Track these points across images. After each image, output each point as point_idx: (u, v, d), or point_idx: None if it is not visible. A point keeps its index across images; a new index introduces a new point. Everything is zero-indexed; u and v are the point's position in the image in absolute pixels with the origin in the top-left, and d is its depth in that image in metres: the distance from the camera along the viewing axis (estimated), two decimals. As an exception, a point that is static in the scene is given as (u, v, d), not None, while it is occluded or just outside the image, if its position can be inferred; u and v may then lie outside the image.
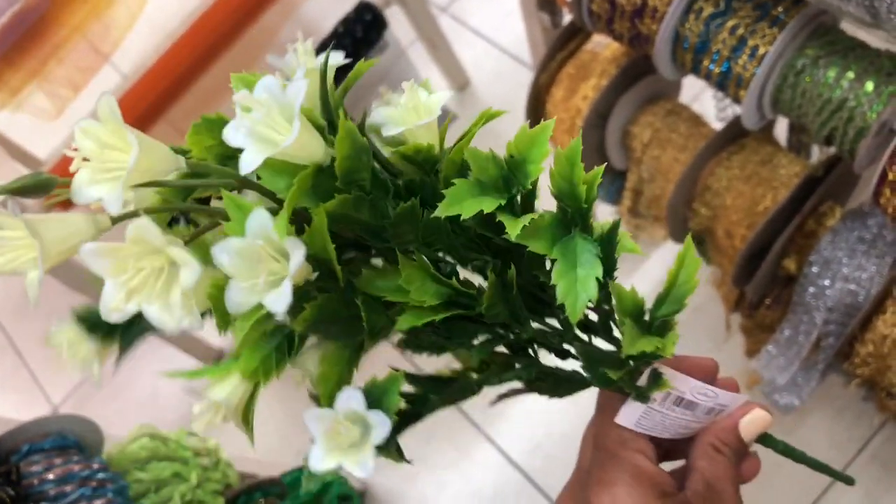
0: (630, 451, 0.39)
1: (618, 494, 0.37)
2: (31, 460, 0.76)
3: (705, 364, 0.41)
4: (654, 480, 0.38)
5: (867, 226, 0.84)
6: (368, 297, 0.32)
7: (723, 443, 0.40)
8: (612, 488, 0.38)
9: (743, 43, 0.71)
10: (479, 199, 0.31)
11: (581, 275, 0.32)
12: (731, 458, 0.40)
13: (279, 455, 1.37)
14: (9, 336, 1.67)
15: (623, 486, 0.38)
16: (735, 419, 0.40)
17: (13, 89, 1.51)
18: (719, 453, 0.40)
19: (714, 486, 0.39)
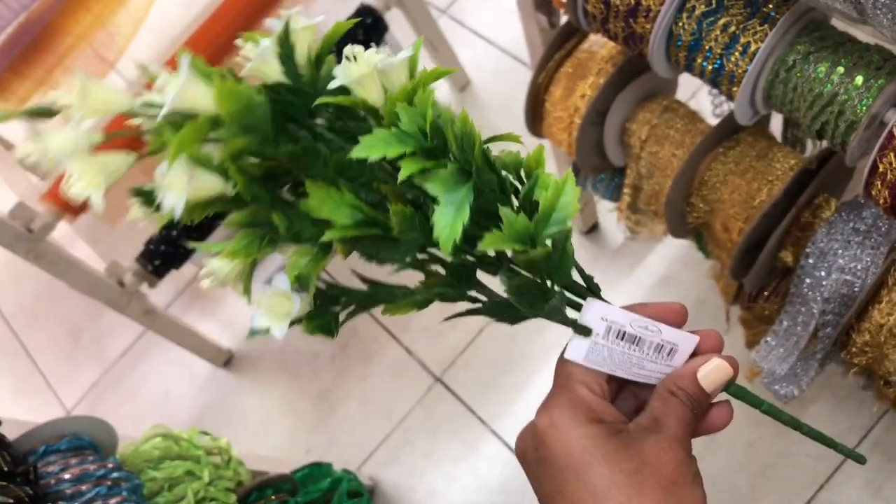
0: (574, 382, 0.42)
1: (553, 415, 0.40)
2: (47, 461, 0.78)
3: (669, 307, 0.43)
4: (591, 407, 0.41)
5: (862, 217, 0.85)
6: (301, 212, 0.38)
7: (678, 387, 0.42)
8: (550, 410, 0.41)
9: (735, 40, 0.72)
10: (389, 147, 0.36)
11: (452, 217, 0.37)
12: (686, 403, 0.41)
13: (288, 453, 1.39)
14: (22, 342, 1.69)
15: (559, 409, 0.41)
16: (694, 367, 0.42)
17: (21, 98, 1.53)
18: (673, 396, 0.41)
19: (659, 421, 0.41)
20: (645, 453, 0.39)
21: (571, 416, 0.40)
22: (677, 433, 0.40)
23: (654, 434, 0.40)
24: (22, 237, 1.13)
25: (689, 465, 0.40)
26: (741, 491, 1.17)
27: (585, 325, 0.42)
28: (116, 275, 1.27)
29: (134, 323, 1.53)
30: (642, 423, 0.41)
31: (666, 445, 0.40)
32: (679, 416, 0.41)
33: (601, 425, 0.40)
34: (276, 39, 0.39)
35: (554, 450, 0.40)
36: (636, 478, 0.38)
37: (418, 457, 1.34)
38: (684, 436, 0.41)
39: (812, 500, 1.15)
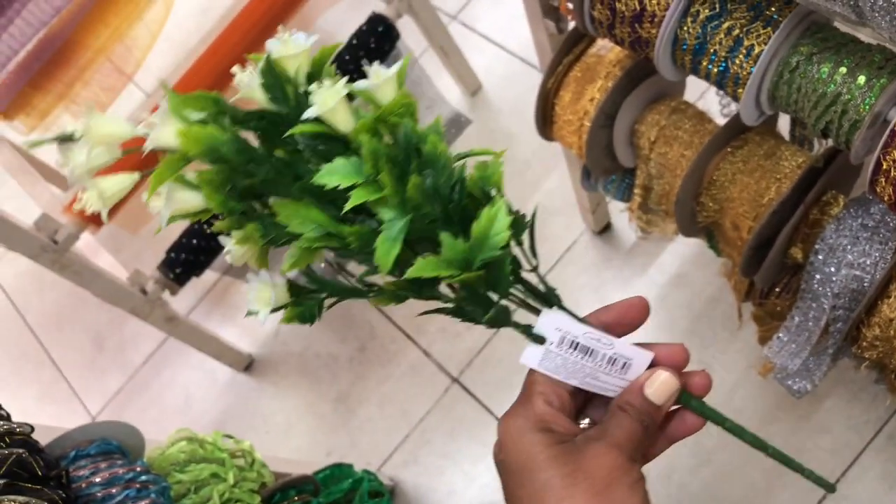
0: (533, 394, 0.44)
1: (509, 422, 0.44)
2: (78, 465, 0.81)
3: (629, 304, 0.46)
4: (541, 418, 0.43)
5: (870, 213, 0.86)
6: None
7: (627, 402, 0.44)
8: (508, 418, 0.44)
9: (739, 43, 0.74)
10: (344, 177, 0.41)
11: (389, 246, 0.41)
12: (634, 417, 0.44)
13: (310, 455, 1.41)
14: (47, 350, 1.73)
15: (514, 417, 0.44)
16: (640, 382, 0.45)
17: (42, 112, 1.56)
18: (622, 411, 0.44)
19: (605, 431, 0.43)
20: (581, 459, 0.42)
21: (523, 424, 0.43)
22: (619, 440, 0.43)
23: (595, 442, 0.42)
24: (47, 248, 1.17)
25: (625, 471, 0.42)
26: (757, 486, 1.18)
27: (540, 333, 0.44)
28: (139, 283, 1.30)
29: (156, 330, 1.56)
30: (590, 435, 0.43)
31: (603, 451, 0.42)
32: (624, 427, 0.43)
33: (548, 434, 0.42)
34: (260, 70, 0.43)
35: (507, 455, 0.43)
36: (569, 480, 0.41)
37: (437, 457, 1.36)
38: (627, 443, 0.43)
39: (827, 494, 1.16)
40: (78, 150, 0.44)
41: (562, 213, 1.45)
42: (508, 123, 1.57)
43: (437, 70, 1.59)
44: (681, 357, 0.46)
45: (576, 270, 1.41)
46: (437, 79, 1.59)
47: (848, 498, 1.15)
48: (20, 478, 0.65)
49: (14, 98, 1.51)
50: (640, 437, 0.44)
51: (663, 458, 0.47)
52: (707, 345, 1.27)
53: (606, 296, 1.37)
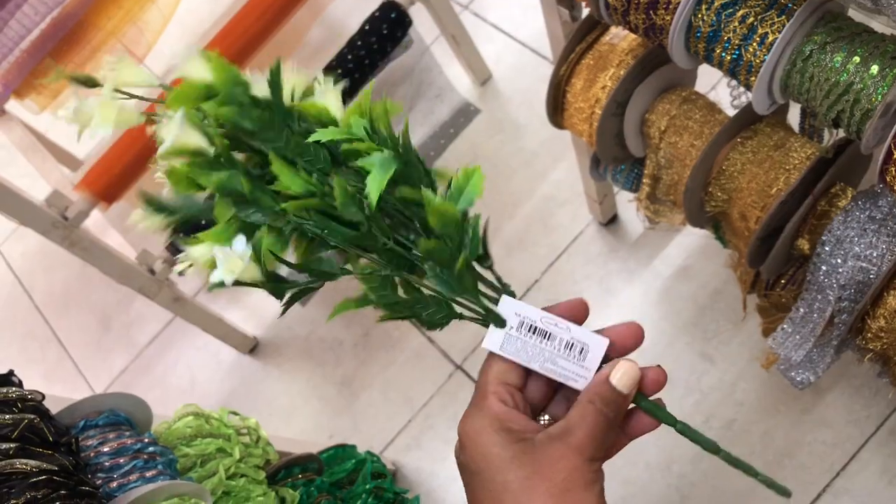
0: (488, 394, 0.45)
1: (467, 424, 0.44)
2: (86, 435, 0.81)
3: (571, 303, 0.48)
4: (499, 417, 0.44)
5: (878, 206, 0.87)
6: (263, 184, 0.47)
7: (595, 393, 0.44)
8: (465, 419, 0.45)
9: (753, 31, 0.74)
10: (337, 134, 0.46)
11: (380, 176, 0.45)
12: (602, 409, 0.44)
13: (313, 438, 1.42)
14: (53, 329, 1.74)
15: (471, 418, 0.44)
16: (605, 373, 0.45)
17: (53, 92, 1.57)
18: (590, 403, 0.44)
19: (568, 429, 0.43)
20: (540, 461, 0.42)
21: (481, 424, 0.43)
22: (581, 441, 0.43)
23: (556, 442, 0.42)
24: (57, 224, 1.17)
25: (583, 472, 0.42)
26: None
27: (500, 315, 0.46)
28: (147, 262, 1.30)
29: (161, 311, 1.57)
30: (552, 432, 0.43)
31: (562, 454, 0.42)
32: (590, 424, 0.43)
33: (506, 433, 0.43)
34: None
35: (467, 455, 0.44)
36: (527, 483, 0.41)
37: (439, 442, 1.37)
38: (588, 442, 0.43)
39: (828, 487, 1.16)
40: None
41: (569, 204, 1.46)
42: (517, 114, 1.58)
43: (448, 59, 1.59)
44: (635, 336, 0.48)
45: (581, 261, 1.41)
46: (447, 67, 1.59)
47: (849, 492, 1.15)
48: (32, 442, 0.66)
49: (26, 77, 1.52)
50: (603, 431, 0.44)
51: (663, 448, 0.48)
52: (710, 337, 1.28)
53: (611, 286, 1.38)
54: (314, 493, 0.97)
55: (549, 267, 1.43)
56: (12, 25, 1.49)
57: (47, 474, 0.64)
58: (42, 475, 0.63)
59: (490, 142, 1.57)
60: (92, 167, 1.31)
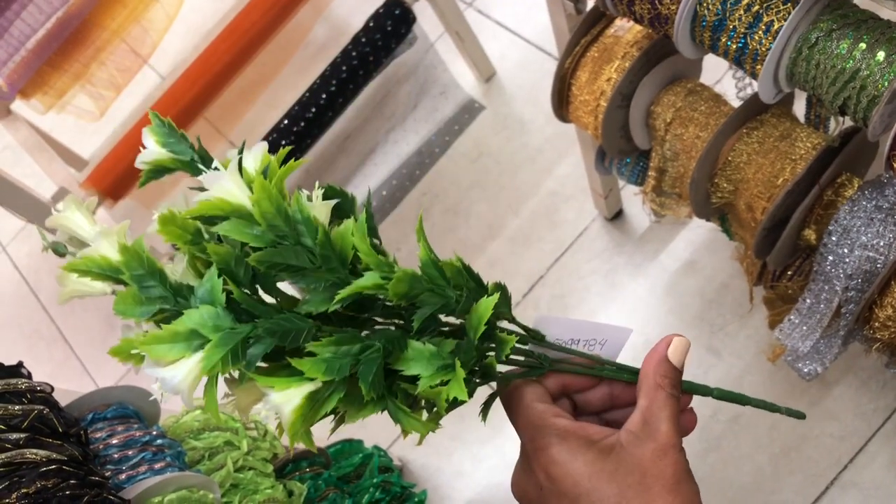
0: (550, 418, 0.44)
1: (553, 454, 0.43)
2: (95, 427, 0.82)
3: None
4: (579, 434, 0.43)
5: (885, 195, 0.87)
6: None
7: (661, 375, 0.44)
8: (547, 451, 0.43)
9: (758, 19, 0.74)
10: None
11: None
12: (670, 391, 0.44)
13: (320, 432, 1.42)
14: (59, 329, 1.74)
15: (555, 447, 0.43)
16: (661, 351, 0.45)
17: (58, 91, 1.57)
18: (660, 388, 0.44)
19: (650, 423, 0.43)
20: (644, 465, 0.41)
21: (567, 448, 0.42)
22: (670, 435, 0.42)
23: (648, 443, 0.42)
24: (64, 221, 1.17)
25: (685, 462, 0.42)
26: (764, 471, 1.19)
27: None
28: (153, 260, 1.30)
29: (168, 309, 1.57)
30: (633, 431, 0.43)
31: (660, 451, 0.42)
32: (668, 412, 0.43)
33: (594, 447, 0.42)
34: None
35: (562, 484, 0.42)
36: (641, 488, 0.41)
37: (446, 438, 1.37)
38: (675, 435, 0.43)
39: (835, 480, 1.16)
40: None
41: (574, 199, 1.46)
42: (522, 110, 1.58)
43: (452, 56, 1.59)
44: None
45: (587, 256, 1.41)
46: (451, 64, 1.59)
47: (857, 485, 1.15)
48: (41, 433, 0.67)
49: (32, 77, 1.52)
50: (677, 414, 0.44)
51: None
52: (717, 331, 1.28)
53: (617, 281, 1.38)
54: (322, 487, 0.97)
55: (554, 262, 1.43)
56: (18, 25, 1.49)
57: (57, 464, 0.64)
58: (52, 465, 0.64)
59: (495, 138, 1.57)
60: (98, 165, 1.32)
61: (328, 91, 1.38)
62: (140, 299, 0.42)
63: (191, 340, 0.40)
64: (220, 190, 0.42)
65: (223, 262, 0.42)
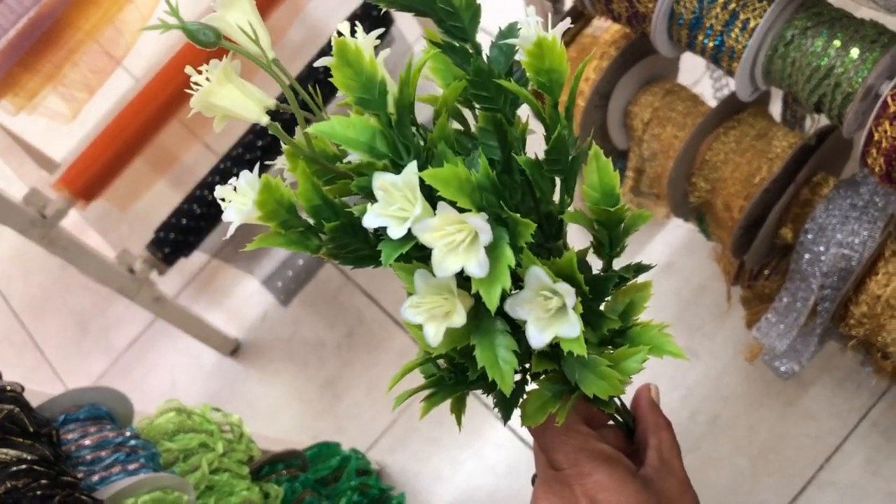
0: (595, 442, 0.44)
1: (601, 481, 0.43)
2: (67, 429, 0.80)
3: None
4: (623, 462, 0.44)
5: (859, 193, 0.87)
6: None
7: (661, 416, 0.47)
8: (593, 476, 0.43)
9: (734, 17, 0.75)
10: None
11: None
12: (671, 431, 0.47)
13: (298, 438, 1.40)
14: (30, 334, 1.71)
15: (604, 473, 0.43)
16: (649, 396, 0.49)
17: (30, 92, 1.55)
18: (665, 430, 0.47)
19: (666, 461, 0.45)
20: (673, 498, 0.44)
21: (616, 475, 0.43)
22: (683, 472, 0.46)
23: (671, 478, 0.45)
24: (36, 222, 1.16)
25: (693, 491, 0.46)
26: (743, 472, 1.19)
27: None
28: (127, 262, 1.29)
29: (141, 314, 1.55)
30: (656, 467, 0.45)
31: (684, 487, 0.45)
32: (677, 452, 0.46)
33: (639, 478, 0.44)
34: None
35: None
36: None
37: (424, 443, 1.36)
38: (682, 467, 0.46)
39: (812, 479, 1.17)
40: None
41: (552, 202, 1.46)
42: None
43: (430, 59, 1.59)
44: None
45: (565, 258, 1.41)
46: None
47: (833, 484, 1.16)
48: (11, 432, 0.65)
49: (3, 78, 1.50)
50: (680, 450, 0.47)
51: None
52: (694, 332, 1.28)
53: (595, 283, 1.38)
54: (299, 489, 0.96)
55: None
56: (-11, 26, 1.47)
57: (27, 464, 0.63)
58: (22, 465, 0.62)
59: (472, 141, 1.57)
60: (70, 166, 1.30)
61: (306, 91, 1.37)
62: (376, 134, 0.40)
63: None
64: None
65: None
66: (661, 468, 0.45)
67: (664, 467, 0.45)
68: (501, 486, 1.29)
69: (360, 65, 0.40)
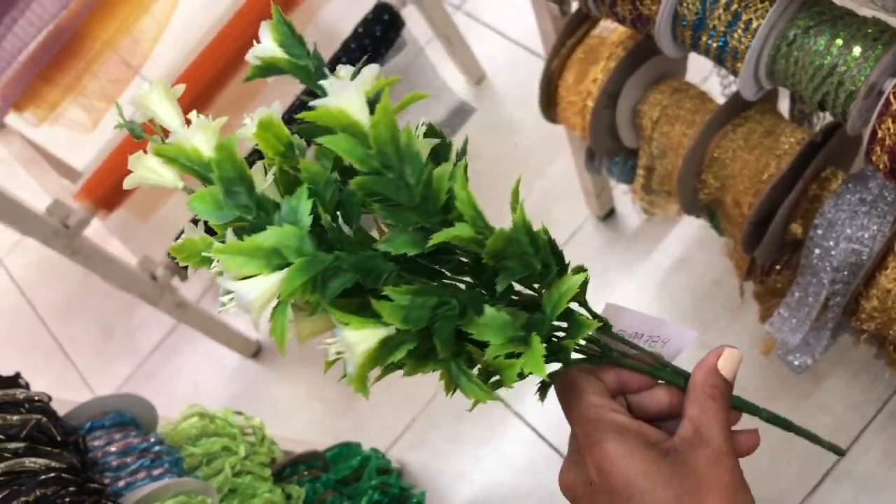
0: (608, 413, 0.43)
1: (608, 450, 0.41)
2: (93, 436, 0.83)
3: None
4: (638, 432, 0.42)
5: (868, 188, 0.88)
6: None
7: (711, 386, 0.44)
8: (601, 445, 0.41)
9: (737, 18, 0.75)
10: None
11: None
12: (721, 402, 0.43)
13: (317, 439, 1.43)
14: (57, 339, 1.75)
15: (610, 442, 0.41)
16: (711, 362, 0.44)
17: (51, 104, 1.58)
18: (710, 399, 0.43)
19: (701, 431, 0.42)
20: (700, 471, 0.40)
21: (625, 445, 0.41)
22: (723, 444, 0.42)
23: (702, 449, 0.41)
24: (59, 233, 1.18)
25: (740, 471, 0.42)
26: (761, 463, 1.20)
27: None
28: (148, 269, 1.32)
29: (164, 318, 1.58)
30: (686, 437, 0.42)
31: (715, 458, 0.41)
32: (720, 423, 0.42)
33: (653, 448, 0.41)
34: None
35: (613, 480, 0.41)
36: (698, 495, 0.40)
37: (444, 440, 1.38)
38: (728, 442, 0.42)
39: (830, 471, 1.17)
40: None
41: (566, 199, 1.47)
42: (512, 112, 1.59)
43: (442, 59, 1.60)
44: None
45: (580, 255, 1.42)
46: (441, 68, 1.60)
47: (851, 475, 1.16)
48: (40, 441, 0.67)
49: (25, 90, 1.53)
50: (729, 423, 0.43)
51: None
52: (709, 327, 1.29)
53: (610, 280, 1.39)
54: (320, 490, 0.98)
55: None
56: (10, 40, 1.50)
57: (56, 472, 0.65)
58: (51, 473, 0.65)
59: (486, 140, 1.58)
60: (91, 176, 1.32)
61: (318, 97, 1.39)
62: (221, 203, 0.39)
63: (271, 259, 0.37)
64: (345, 100, 0.38)
65: (313, 182, 0.39)
66: (692, 439, 0.42)
67: (697, 437, 0.42)
68: (522, 481, 1.31)
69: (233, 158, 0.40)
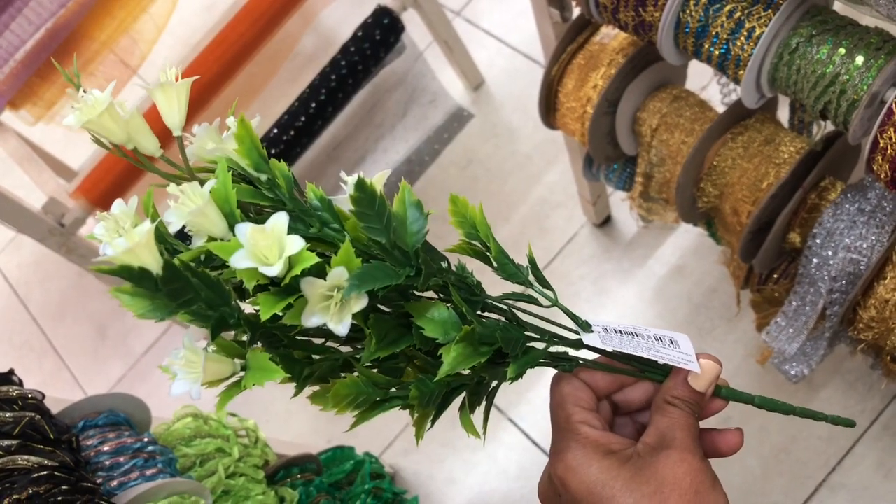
0: (574, 423, 0.43)
1: (566, 458, 0.42)
2: (86, 435, 0.82)
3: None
4: (598, 442, 0.43)
5: (867, 198, 0.88)
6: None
7: (673, 396, 0.44)
8: (562, 455, 0.43)
9: (740, 25, 0.76)
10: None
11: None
12: (685, 409, 0.43)
13: (310, 443, 1.42)
14: (49, 340, 1.74)
15: (570, 452, 0.42)
16: (682, 373, 0.44)
17: (48, 102, 1.57)
18: (671, 406, 0.43)
19: (665, 435, 0.42)
20: (661, 473, 0.40)
21: (583, 455, 0.42)
22: (686, 443, 0.42)
23: (664, 451, 0.41)
24: (54, 231, 1.18)
25: (704, 472, 0.41)
26: (754, 473, 1.20)
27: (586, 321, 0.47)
28: (143, 269, 1.31)
29: (158, 319, 1.57)
30: (649, 443, 0.42)
31: (678, 459, 0.41)
32: (682, 425, 0.43)
33: (612, 456, 0.42)
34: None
35: (575, 491, 0.42)
36: (658, 497, 0.40)
37: (437, 446, 1.37)
38: (693, 444, 0.42)
39: (824, 482, 1.17)
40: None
41: (563, 206, 1.47)
42: (510, 118, 1.59)
43: (441, 64, 1.61)
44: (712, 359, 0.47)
45: (576, 262, 1.42)
46: (440, 73, 1.60)
47: (845, 486, 1.16)
48: (33, 439, 0.67)
49: (21, 88, 1.52)
50: (696, 428, 0.43)
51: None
52: (705, 335, 1.29)
53: (606, 287, 1.38)
54: (313, 493, 0.97)
55: (544, 269, 1.44)
56: (7, 37, 1.49)
57: (49, 470, 0.64)
58: (43, 471, 0.64)
59: (484, 146, 1.58)
60: (87, 175, 1.32)
61: (317, 100, 1.39)
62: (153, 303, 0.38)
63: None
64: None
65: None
66: (654, 443, 0.42)
67: (660, 441, 0.42)
68: (514, 488, 1.30)
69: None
